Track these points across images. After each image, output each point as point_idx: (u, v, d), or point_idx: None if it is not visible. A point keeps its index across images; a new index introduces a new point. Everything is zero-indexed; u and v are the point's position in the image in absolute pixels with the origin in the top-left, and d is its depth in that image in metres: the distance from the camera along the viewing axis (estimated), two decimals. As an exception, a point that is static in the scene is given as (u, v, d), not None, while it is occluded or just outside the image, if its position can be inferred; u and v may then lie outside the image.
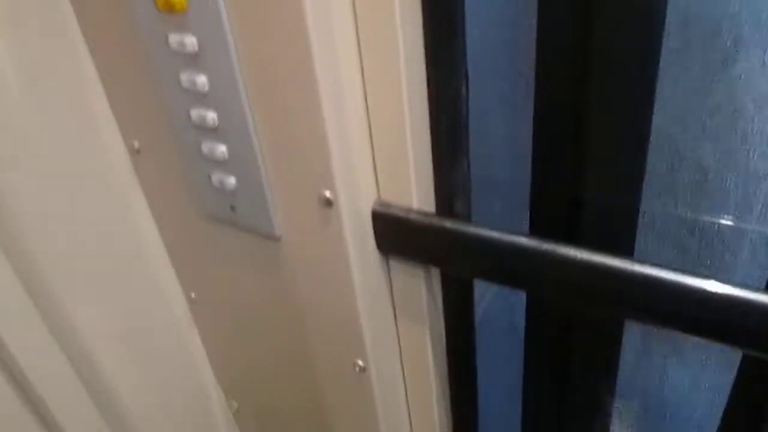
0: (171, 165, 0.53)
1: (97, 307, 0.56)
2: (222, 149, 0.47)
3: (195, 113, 0.46)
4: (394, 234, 0.48)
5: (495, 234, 0.44)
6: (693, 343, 0.81)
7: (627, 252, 0.50)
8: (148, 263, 0.60)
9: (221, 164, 0.48)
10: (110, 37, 0.48)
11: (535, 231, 0.55)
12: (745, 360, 0.42)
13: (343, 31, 0.40)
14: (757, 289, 0.35)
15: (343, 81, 0.41)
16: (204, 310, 0.64)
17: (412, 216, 0.46)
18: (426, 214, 0.46)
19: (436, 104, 0.44)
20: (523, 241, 0.42)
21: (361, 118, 0.44)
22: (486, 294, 0.81)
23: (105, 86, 0.52)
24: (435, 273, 0.52)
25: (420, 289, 0.51)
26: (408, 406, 0.60)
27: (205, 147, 0.47)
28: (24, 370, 0.49)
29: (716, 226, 0.70)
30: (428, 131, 0.45)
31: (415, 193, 0.46)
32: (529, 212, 0.56)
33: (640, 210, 0.48)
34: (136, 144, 0.54)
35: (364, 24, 0.40)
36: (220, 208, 0.51)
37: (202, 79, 0.44)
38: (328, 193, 0.45)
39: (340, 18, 0.40)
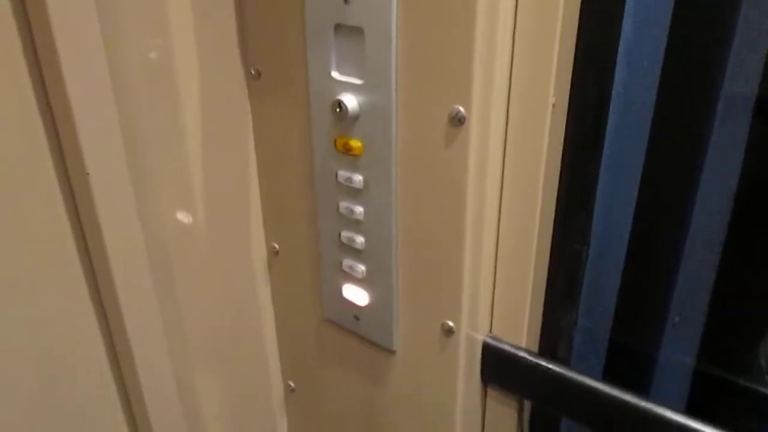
0: (303, 272, 0.60)
1: (209, 371, 0.62)
2: (361, 269, 0.54)
3: (345, 235, 0.53)
4: (500, 367, 0.53)
5: (590, 381, 0.49)
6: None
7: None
8: (257, 345, 0.67)
9: (357, 281, 0.55)
10: (279, 155, 0.57)
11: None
12: None
13: (491, 190, 0.47)
14: None
15: (483, 230, 0.48)
16: (299, 400, 0.69)
17: (521, 354, 0.52)
18: (533, 354, 0.52)
19: (558, 261, 0.50)
20: (614, 392, 0.47)
21: (491, 263, 0.50)
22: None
23: (261, 190, 0.60)
24: (527, 406, 0.56)
25: (512, 419, 0.56)
26: None
27: (346, 264, 0.54)
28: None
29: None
30: (545, 282, 0.51)
31: (525, 334, 0.52)
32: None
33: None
34: (277, 246, 0.62)
35: (510, 190, 0.47)
36: (344, 317, 0.58)
37: (359, 210, 0.51)
38: (451, 323, 0.51)
39: (491, 179, 0.47)
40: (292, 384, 0.69)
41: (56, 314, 0.50)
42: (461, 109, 0.43)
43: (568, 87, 0.45)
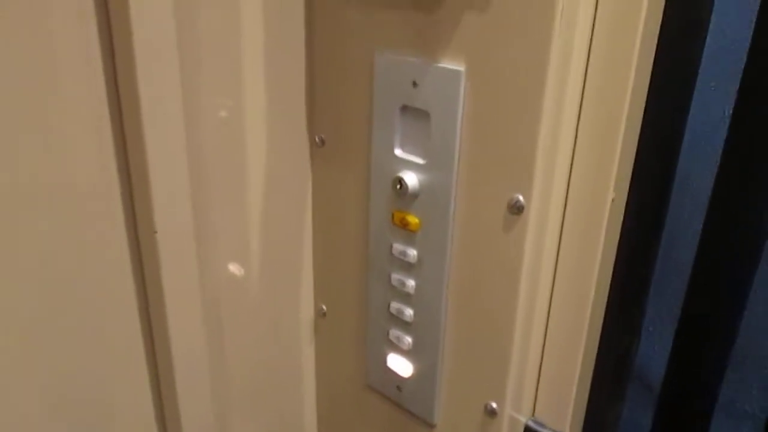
0: (349, 337, 0.60)
1: (248, 422, 0.63)
2: (408, 341, 0.54)
3: (395, 306, 0.54)
4: (541, 452, 0.53)
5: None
6: None
7: None
8: (296, 401, 0.67)
9: (403, 352, 0.55)
10: (335, 221, 0.58)
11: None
12: None
13: (545, 278, 0.47)
14: None
15: (534, 316, 0.48)
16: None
17: (563, 442, 0.51)
18: (575, 443, 0.51)
19: (607, 352, 0.50)
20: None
21: (539, 347, 0.50)
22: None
23: (315, 252, 0.62)
24: (566, 494, 0.55)
25: (549, 506, 0.55)
26: None
27: (393, 335, 0.55)
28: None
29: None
30: (592, 370, 0.51)
31: (569, 420, 0.51)
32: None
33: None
34: (324, 308, 0.63)
35: (564, 278, 0.48)
36: (386, 386, 0.58)
37: (411, 283, 0.52)
38: (494, 405, 0.50)
39: (546, 268, 0.47)
40: (326, 444, 0.69)
41: (107, 351, 0.52)
42: (521, 197, 0.44)
43: (628, 182, 0.46)
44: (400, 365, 0.56)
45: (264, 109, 0.54)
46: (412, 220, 0.50)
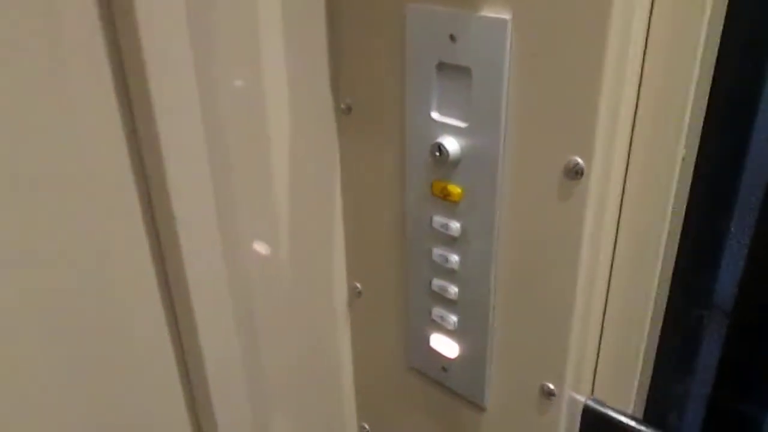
0: (387, 317, 0.57)
1: (284, 406, 0.60)
2: (453, 320, 0.50)
3: (437, 284, 0.50)
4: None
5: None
6: None
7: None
8: (334, 383, 0.64)
9: (447, 332, 0.51)
10: (367, 194, 0.54)
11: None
12: None
13: (605, 248, 0.43)
14: None
15: (594, 290, 0.44)
16: (372, 443, 0.66)
17: (626, 420, 0.47)
18: (640, 421, 0.47)
19: (674, 325, 0.45)
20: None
21: (598, 323, 0.46)
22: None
23: (346, 228, 0.57)
24: (628, 474, 0.52)
25: (611, 487, 0.51)
26: None
27: (436, 313, 0.51)
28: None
29: None
30: (657, 346, 0.47)
31: (631, 399, 0.48)
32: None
33: None
34: (359, 286, 0.59)
35: (626, 246, 0.43)
36: (430, 367, 0.54)
37: (454, 258, 0.48)
38: (551, 386, 0.46)
39: (607, 237, 0.42)
40: (366, 426, 0.66)
41: (132, 352, 0.49)
42: (580, 160, 0.39)
43: (699, 137, 0.41)
44: (445, 346, 0.52)
45: (284, 76, 0.49)
46: (454, 189, 0.45)
